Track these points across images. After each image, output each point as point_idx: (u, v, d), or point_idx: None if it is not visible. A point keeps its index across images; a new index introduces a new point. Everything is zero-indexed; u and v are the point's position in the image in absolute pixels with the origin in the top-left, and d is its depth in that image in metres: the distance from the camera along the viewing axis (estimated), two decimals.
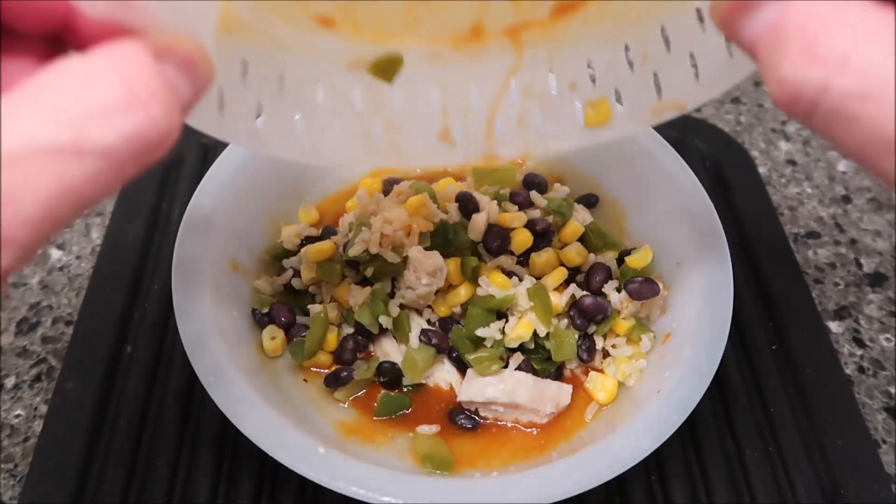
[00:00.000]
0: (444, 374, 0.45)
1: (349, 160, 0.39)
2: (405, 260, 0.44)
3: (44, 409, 0.46)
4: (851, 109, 0.19)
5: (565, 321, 0.45)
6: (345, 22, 0.36)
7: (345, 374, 0.43)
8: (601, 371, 0.45)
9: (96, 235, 0.56)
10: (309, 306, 0.46)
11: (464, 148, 0.39)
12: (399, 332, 0.44)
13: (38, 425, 0.46)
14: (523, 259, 0.46)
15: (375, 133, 0.39)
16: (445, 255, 0.44)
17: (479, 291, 0.44)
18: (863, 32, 0.19)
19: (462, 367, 0.44)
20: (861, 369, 0.50)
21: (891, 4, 0.20)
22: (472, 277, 0.44)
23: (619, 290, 0.45)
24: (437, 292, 0.44)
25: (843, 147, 0.20)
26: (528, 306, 0.43)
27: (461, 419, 0.43)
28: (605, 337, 0.45)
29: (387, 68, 0.38)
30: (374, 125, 0.38)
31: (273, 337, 0.44)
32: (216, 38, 0.32)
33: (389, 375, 0.44)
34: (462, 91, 0.39)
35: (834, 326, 0.52)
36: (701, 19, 0.32)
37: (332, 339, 0.45)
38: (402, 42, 0.38)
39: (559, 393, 0.43)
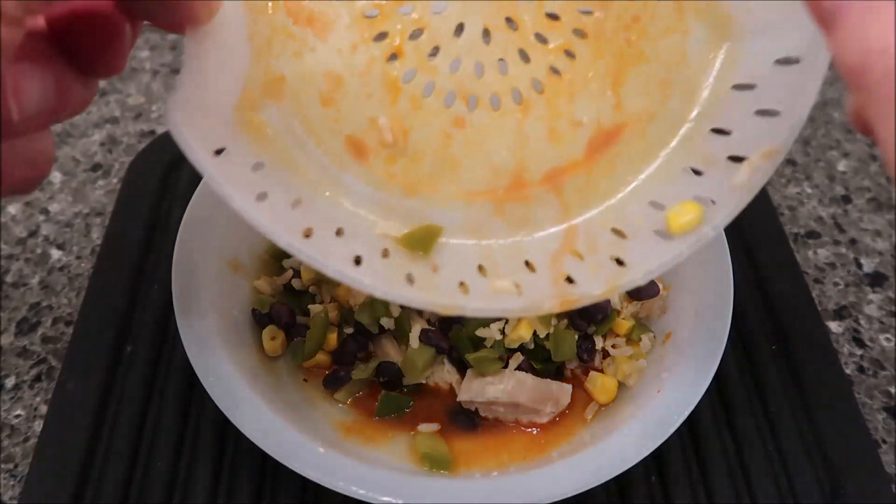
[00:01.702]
0: (444, 374, 0.45)
1: (380, 291, 0.30)
2: None
3: (44, 409, 0.46)
4: None
5: (565, 321, 0.45)
6: (377, 154, 0.32)
7: (342, 374, 0.43)
8: (601, 371, 0.45)
9: (96, 235, 0.56)
10: (309, 306, 0.46)
11: (528, 295, 0.32)
12: (399, 332, 0.44)
13: (38, 425, 0.46)
14: None
15: (410, 274, 0.32)
16: None
17: None
18: None
19: (462, 367, 0.44)
20: (861, 369, 0.50)
21: None
22: None
23: None
24: None
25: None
26: None
27: (461, 419, 0.43)
28: (605, 337, 0.45)
29: (421, 241, 0.33)
30: (407, 270, 0.32)
31: (273, 337, 0.44)
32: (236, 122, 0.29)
33: (389, 375, 0.44)
34: (513, 261, 0.33)
35: (834, 326, 0.52)
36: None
37: (332, 339, 0.45)
38: (437, 192, 0.33)
39: (559, 393, 0.43)
